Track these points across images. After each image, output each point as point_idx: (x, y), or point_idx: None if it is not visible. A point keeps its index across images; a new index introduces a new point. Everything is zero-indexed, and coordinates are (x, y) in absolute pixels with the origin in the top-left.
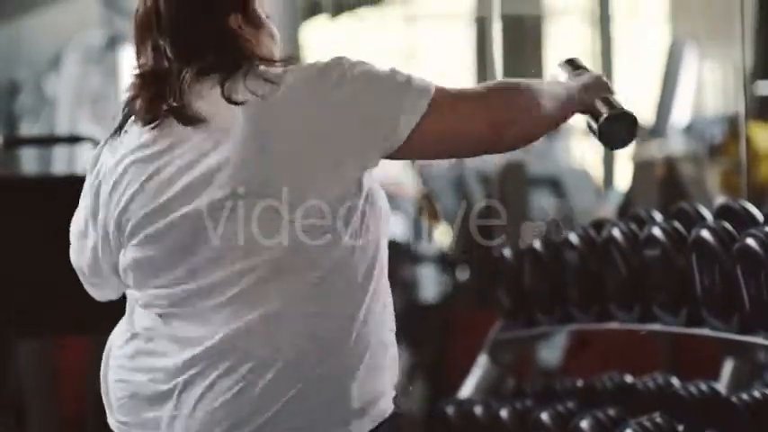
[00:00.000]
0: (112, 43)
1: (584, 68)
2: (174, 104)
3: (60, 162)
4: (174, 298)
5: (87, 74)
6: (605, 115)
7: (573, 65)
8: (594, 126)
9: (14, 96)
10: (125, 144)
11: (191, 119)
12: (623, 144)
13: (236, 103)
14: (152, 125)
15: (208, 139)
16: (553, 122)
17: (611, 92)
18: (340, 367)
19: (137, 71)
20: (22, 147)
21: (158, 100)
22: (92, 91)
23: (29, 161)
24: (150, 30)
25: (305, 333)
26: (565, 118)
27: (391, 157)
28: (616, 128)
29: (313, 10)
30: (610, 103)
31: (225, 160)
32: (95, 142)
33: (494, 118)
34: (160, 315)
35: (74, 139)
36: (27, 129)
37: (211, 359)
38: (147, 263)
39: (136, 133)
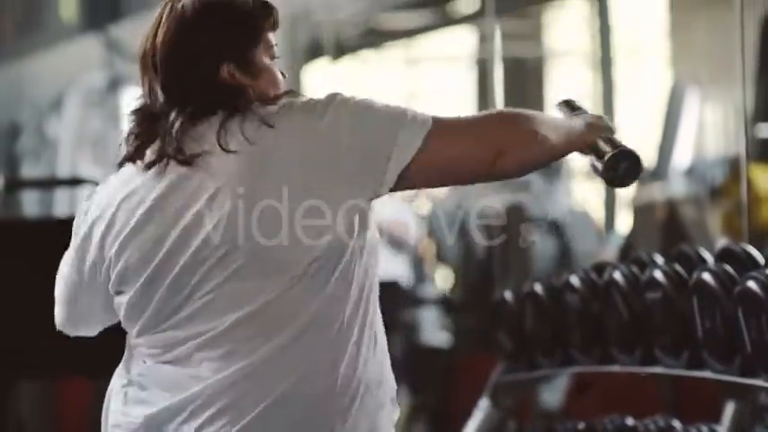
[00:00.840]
0: (114, 85)
1: (582, 109)
2: (168, 147)
3: (62, 204)
4: (167, 344)
5: (88, 116)
6: (610, 153)
7: (570, 106)
8: (598, 165)
9: (16, 138)
10: (118, 185)
11: (181, 161)
12: (626, 183)
13: (229, 152)
14: (144, 167)
15: (201, 185)
16: (552, 154)
17: (612, 132)
18: (325, 412)
19: (134, 106)
20: (24, 189)
21: (148, 142)
22: (93, 133)
23: (30, 203)
24: (147, 69)
25: (287, 384)
26: (565, 152)
27: (392, 189)
28: (621, 166)
29: (314, 52)
30: (613, 143)
31: (216, 210)
32: (97, 184)
33: (492, 146)
34: (154, 361)
35: (75, 182)
36: (28, 171)
37: (196, 406)
38: (140, 307)
39: (129, 174)
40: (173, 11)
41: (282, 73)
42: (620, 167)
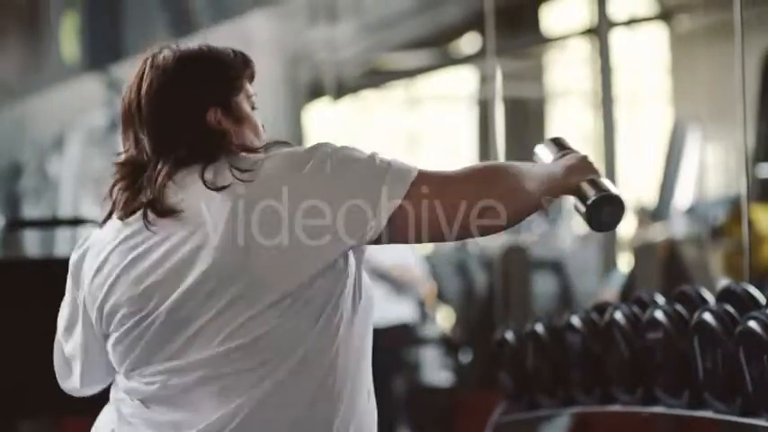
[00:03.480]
0: (115, 125)
1: (570, 149)
2: (150, 197)
3: (63, 244)
4: (160, 383)
5: (90, 155)
6: (592, 198)
7: (558, 144)
8: (582, 208)
9: (17, 178)
10: (106, 234)
11: (166, 211)
12: (609, 227)
13: (216, 189)
14: (130, 217)
15: (186, 228)
16: (535, 205)
17: (597, 173)
18: None
19: (119, 159)
20: (25, 229)
21: (135, 193)
22: (94, 172)
23: (31, 243)
24: (132, 122)
25: (288, 419)
26: (548, 200)
27: (375, 242)
28: (603, 211)
29: (316, 92)
30: (597, 186)
31: (205, 250)
32: (98, 224)
33: (477, 203)
34: (142, 401)
35: (76, 221)
36: (29, 210)
37: None
38: (131, 350)
39: (115, 224)
40: (154, 63)
41: (262, 125)
42: (602, 212)
